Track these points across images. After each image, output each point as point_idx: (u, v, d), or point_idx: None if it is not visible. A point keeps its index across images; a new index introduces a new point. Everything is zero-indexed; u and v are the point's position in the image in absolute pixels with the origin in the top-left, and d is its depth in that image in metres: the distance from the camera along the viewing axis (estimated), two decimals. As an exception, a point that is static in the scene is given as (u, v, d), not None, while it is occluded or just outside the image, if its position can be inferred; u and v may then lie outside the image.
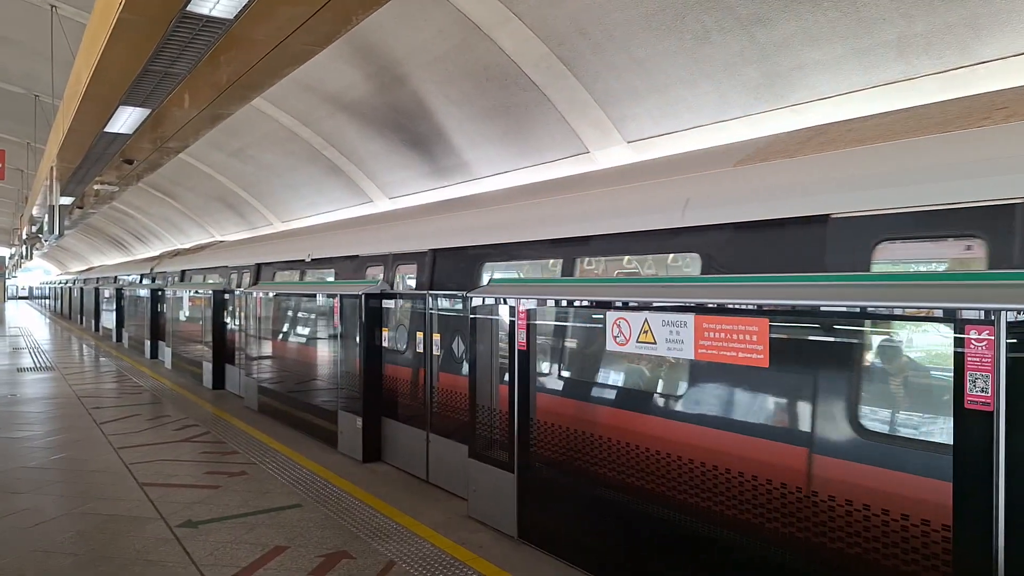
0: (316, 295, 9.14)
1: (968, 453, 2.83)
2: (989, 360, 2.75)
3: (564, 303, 5.00)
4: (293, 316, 10.05)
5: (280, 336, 10.36)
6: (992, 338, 2.74)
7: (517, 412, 5.27)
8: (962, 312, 2.82)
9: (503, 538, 5.40)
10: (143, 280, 21.74)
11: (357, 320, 7.76)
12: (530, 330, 5.19)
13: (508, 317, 5.37)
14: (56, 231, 12.86)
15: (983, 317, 2.77)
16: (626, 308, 4.37)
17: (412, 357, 7.28)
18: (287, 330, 10.21)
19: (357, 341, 7.77)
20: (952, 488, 2.88)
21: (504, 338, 5.47)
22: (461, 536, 5.45)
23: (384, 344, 7.71)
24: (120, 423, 9.62)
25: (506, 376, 5.41)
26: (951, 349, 2.87)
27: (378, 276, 8.32)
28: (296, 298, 9.87)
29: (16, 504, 6.15)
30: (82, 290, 32.59)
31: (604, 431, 4.63)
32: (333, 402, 8.35)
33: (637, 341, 4.28)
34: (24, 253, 32.08)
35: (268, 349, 10.64)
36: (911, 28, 5.20)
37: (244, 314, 11.56)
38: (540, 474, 5.15)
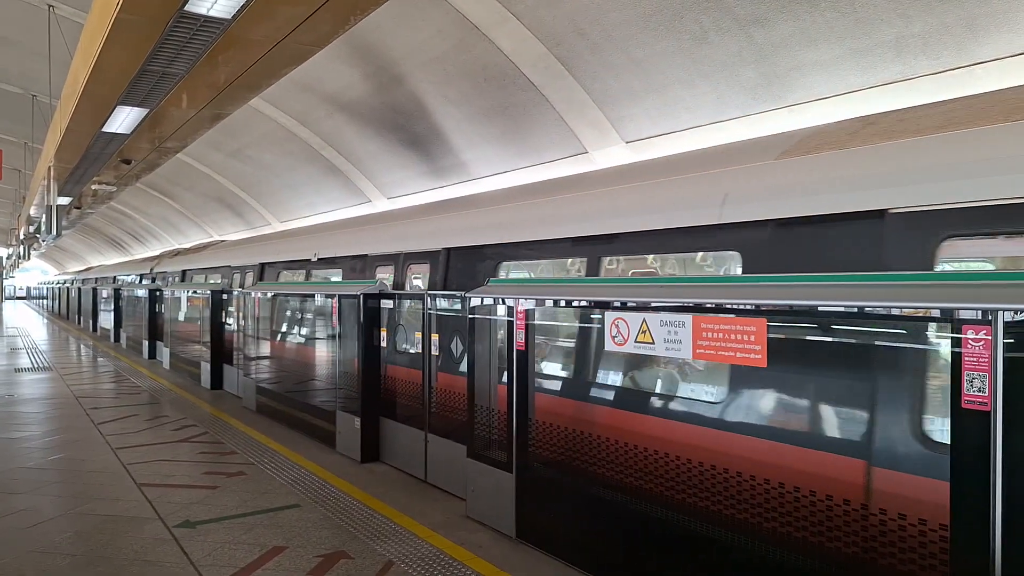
0: (314, 295, 9.13)
1: (966, 453, 2.84)
2: (986, 360, 2.76)
3: (562, 303, 5.00)
4: (291, 316, 10.04)
5: (278, 336, 10.35)
6: (989, 338, 2.75)
7: (516, 412, 5.28)
8: (959, 312, 2.83)
9: (502, 538, 5.40)
10: (143, 280, 21.71)
11: (356, 320, 7.76)
12: (528, 330, 5.19)
13: (507, 317, 5.37)
14: (54, 231, 12.84)
15: (980, 317, 2.77)
16: (624, 308, 4.37)
17: (411, 357, 7.28)
18: (285, 330, 10.20)
19: (356, 341, 7.77)
20: (949, 488, 2.89)
21: (503, 338, 5.48)
22: (460, 536, 5.45)
23: (383, 344, 7.71)
24: (118, 423, 9.61)
25: (505, 376, 5.42)
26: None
27: (388, 276, 8.16)
28: (294, 298, 9.86)
29: (14, 504, 6.14)
30: (80, 290, 32.55)
31: (603, 431, 4.63)
32: (331, 402, 8.34)
33: (635, 341, 4.28)
34: (21, 253, 32.02)
35: (266, 349, 10.63)
36: (909, 28, 5.21)
37: (242, 314, 11.55)
38: (539, 474, 5.15)
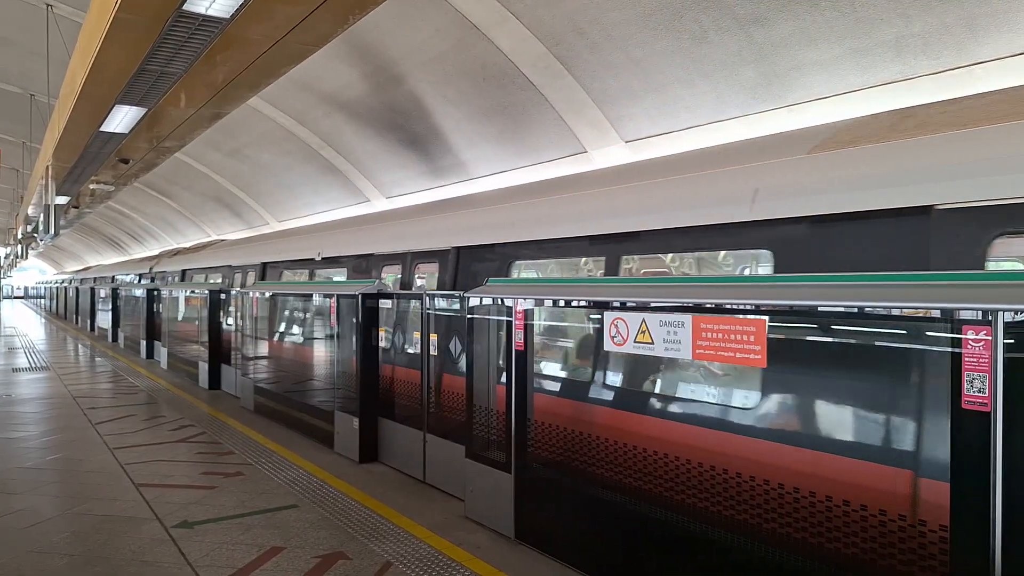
0: (313, 295, 9.11)
1: (966, 454, 2.83)
2: (986, 360, 2.75)
3: (561, 303, 4.99)
4: (290, 316, 10.02)
5: (277, 336, 10.33)
6: (989, 338, 2.74)
7: (514, 412, 5.27)
8: (959, 312, 2.82)
9: (500, 539, 5.39)
10: (142, 280, 21.68)
11: (354, 320, 7.75)
12: (527, 330, 5.18)
13: (506, 317, 5.36)
14: (51, 231, 12.79)
15: (980, 317, 2.77)
16: (624, 308, 4.36)
17: (409, 357, 7.27)
18: (284, 330, 10.18)
19: (354, 341, 7.75)
20: (949, 488, 2.88)
21: (502, 338, 5.46)
22: (458, 537, 5.44)
23: (381, 344, 7.70)
24: (116, 423, 9.59)
25: (503, 376, 5.41)
26: None
27: (395, 276, 8.00)
28: (292, 298, 9.84)
29: (12, 504, 6.12)
30: (78, 290, 32.51)
31: (601, 432, 4.62)
32: (330, 402, 8.33)
33: (635, 341, 4.27)
34: (19, 253, 31.96)
35: (264, 349, 10.61)
36: (908, 28, 5.20)
37: (240, 314, 11.53)
38: (537, 475, 5.14)
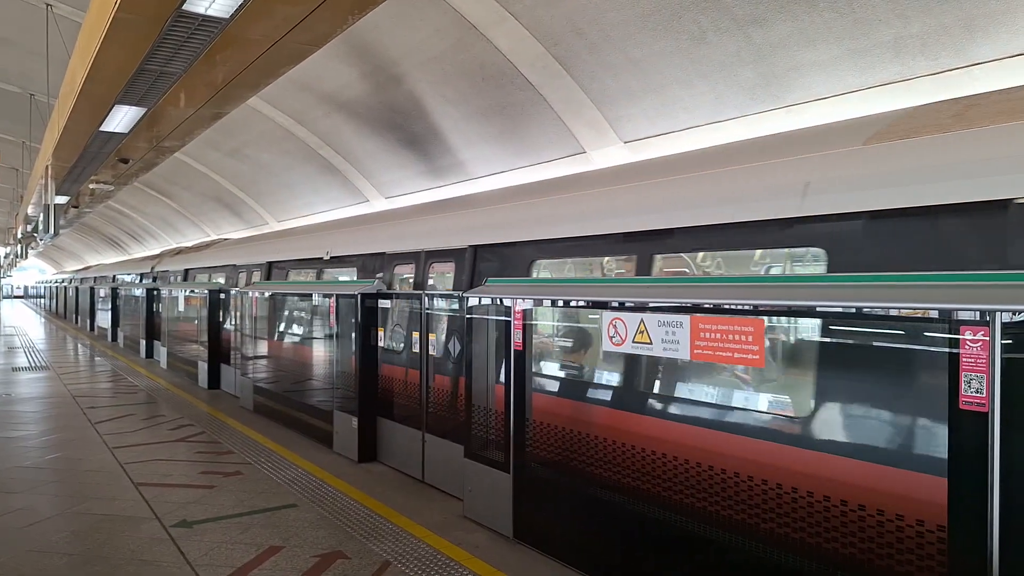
0: (312, 295, 9.11)
1: (963, 454, 2.83)
2: (984, 361, 2.76)
3: (560, 303, 4.99)
4: (289, 316, 10.02)
5: (276, 336, 10.33)
6: (987, 339, 2.75)
7: (513, 412, 5.27)
8: (957, 313, 2.83)
9: (499, 538, 5.40)
10: (143, 280, 21.67)
11: (353, 320, 7.75)
12: (526, 330, 5.18)
13: (504, 317, 5.37)
14: (51, 230, 12.79)
15: (978, 318, 2.77)
16: (622, 308, 4.37)
17: (408, 357, 7.27)
18: (283, 330, 10.19)
19: (353, 341, 7.76)
20: (947, 489, 2.89)
21: (501, 338, 5.47)
22: (457, 536, 5.44)
23: (380, 344, 7.70)
24: (115, 423, 9.60)
25: (502, 376, 5.41)
26: None
27: (408, 275, 7.83)
28: (292, 298, 9.84)
29: (11, 504, 6.12)
30: (77, 289, 32.50)
31: (600, 431, 4.63)
32: (329, 402, 8.33)
33: (633, 341, 4.28)
34: (19, 252, 31.96)
35: (264, 349, 10.61)
36: (907, 29, 5.21)
37: (240, 314, 11.53)
38: (536, 474, 5.14)
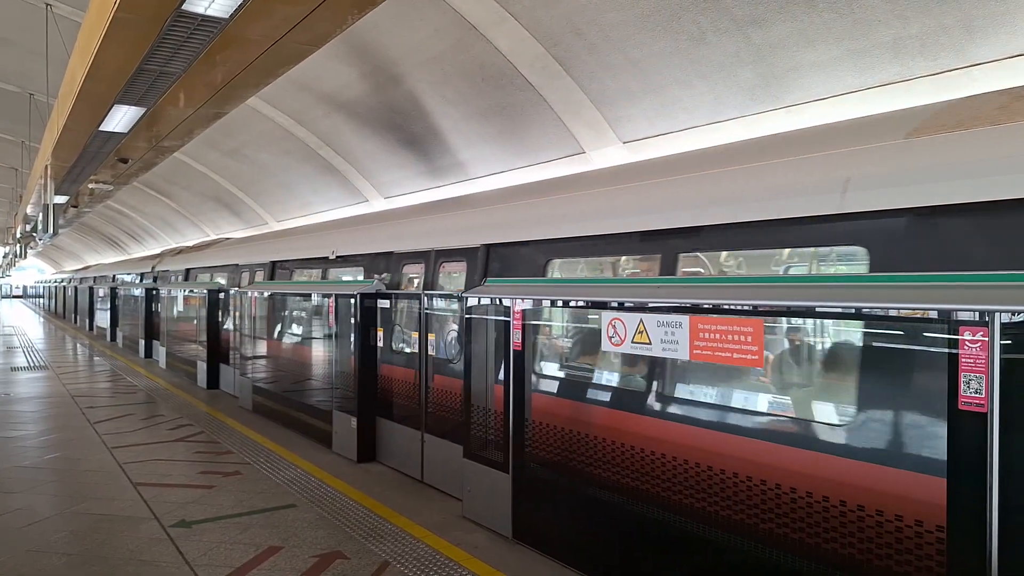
0: (311, 295, 9.11)
1: (962, 455, 2.83)
2: (983, 361, 2.76)
3: (559, 303, 4.99)
4: (288, 316, 10.02)
5: (275, 336, 10.33)
6: (986, 339, 2.75)
7: (512, 413, 5.27)
8: (957, 313, 2.83)
9: (498, 539, 5.39)
10: (144, 279, 21.66)
11: (352, 320, 7.75)
12: (525, 330, 5.18)
13: (503, 317, 5.36)
14: (50, 230, 12.78)
15: (977, 319, 2.77)
16: (621, 308, 4.37)
17: (407, 357, 7.27)
18: (282, 330, 10.18)
19: (352, 341, 7.76)
20: (946, 489, 2.89)
21: (500, 339, 5.47)
22: (456, 537, 5.44)
23: (379, 344, 7.70)
24: (114, 423, 9.59)
25: (501, 376, 5.41)
26: None
27: (416, 275, 7.72)
28: (291, 298, 9.84)
29: (9, 504, 6.12)
30: (76, 289, 32.48)
31: (599, 432, 4.62)
32: (328, 402, 8.33)
33: (632, 342, 4.28)
34: (18, 252, 31.92)
35: (263, 349, 10.61)
36: (906, 30, 5.21)
37: (239, 313, 11.53)
38: (535, 475, 5.14)
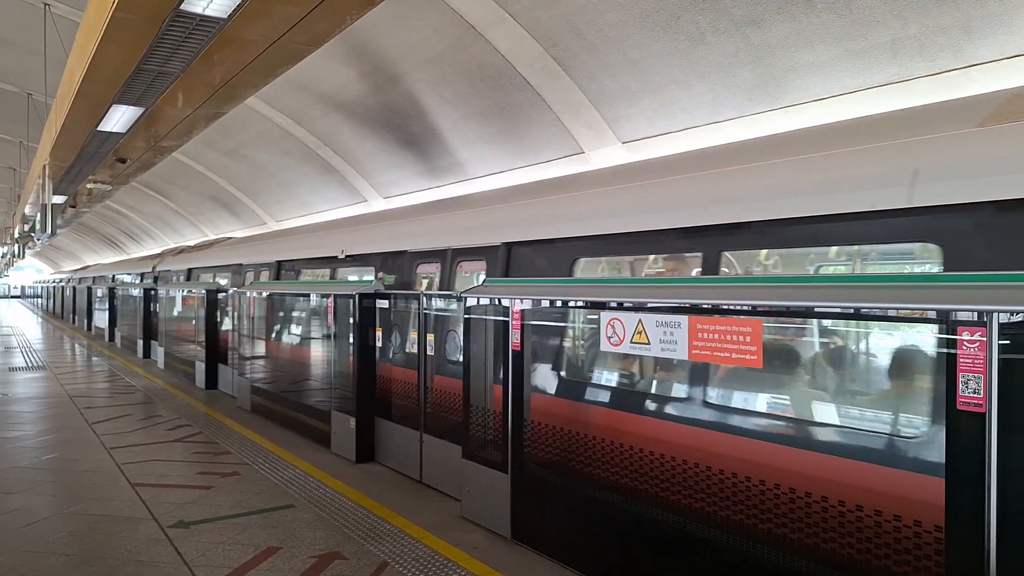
0: (310, 295, 9.11)
1: (961, 455, 2.84)
2: (981, 361, 2.76)
3: (558, 304, 4.99)
4: (287, 316, 10.01)
5: (274, 336, 10.32)
6: (984, 339, 2.75)
7: (511, 413, 5.27)
8: (955, 313, 2.83)
9: (497, 539, 5.39)
10: (144, 279, 21.63)
11: (351, 320, 7.75)
12: (524, 331, 5.18)
13: (502, 317, 5.36)
14: (48, 230, 12.78)
15: (976, 319, 2.77)
16: (620, 309, 4.37)
17: (406, 357, 7.27)
18: (280, 330, 10.18)
19: (351, 341, 7.75)
20: (944, 489, 2.89)
21: (499, 339, 5.47)
22: (455, 537, 5.44)
23: (378, 344, 7.70)
24: (112, 423, 9.58)
25: (500, 376, 5.41)
26: None
27: (431, 275, 7.61)
28: (290, 298, 9.83)
29: (7, 504, 6.11)
30: (75, 289, 32.46)
31: (598, 432, 4.63)
32: (326, 402, 8.32)
33: (631, 342, 4.28)
34: (16, 252, 31.88)
35: (261, 349, 10.60)
36: (904, 30, 5.21)
37: (237, 314, 11.52)
38: (534, 475, 5.14)
